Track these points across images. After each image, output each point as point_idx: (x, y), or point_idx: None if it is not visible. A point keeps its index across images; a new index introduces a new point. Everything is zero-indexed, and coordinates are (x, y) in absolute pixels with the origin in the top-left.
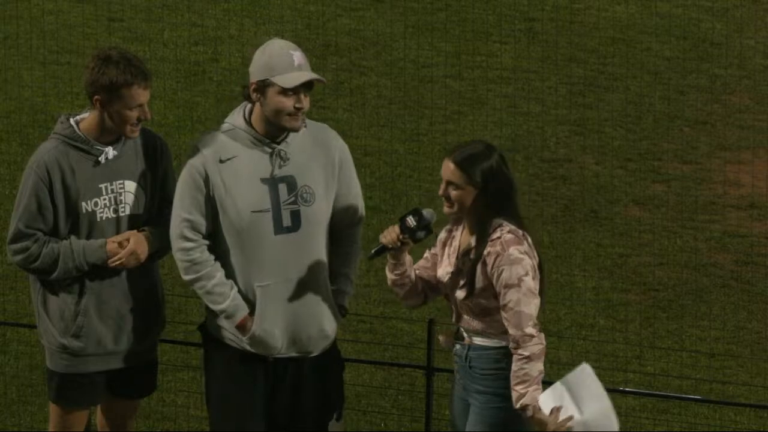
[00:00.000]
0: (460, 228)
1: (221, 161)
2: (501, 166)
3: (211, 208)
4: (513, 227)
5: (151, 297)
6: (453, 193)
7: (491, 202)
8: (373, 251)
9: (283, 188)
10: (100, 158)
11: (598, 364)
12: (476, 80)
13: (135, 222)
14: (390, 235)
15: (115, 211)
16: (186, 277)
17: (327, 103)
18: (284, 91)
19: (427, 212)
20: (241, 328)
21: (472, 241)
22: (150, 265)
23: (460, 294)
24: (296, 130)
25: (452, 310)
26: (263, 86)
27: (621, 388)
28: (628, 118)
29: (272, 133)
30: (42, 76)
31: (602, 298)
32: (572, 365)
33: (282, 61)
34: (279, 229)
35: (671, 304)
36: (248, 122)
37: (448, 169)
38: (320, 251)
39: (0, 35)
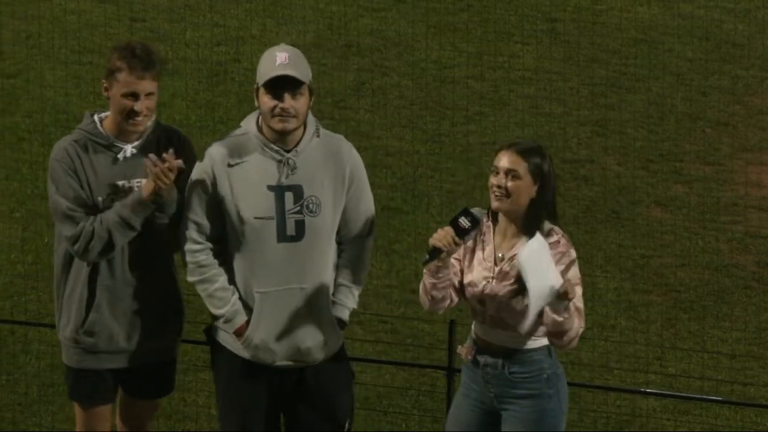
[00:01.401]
0: (489, 233)
1: (230, 165)
2: (553, 170)
3: (219, 211)
4: (561, 231)
5: (168, 297)
6: (511, 183)
7: (544, 203)
8: (427, 257)
9: (289, 197)
10: (119, 155)
11: (619, 365)
12: (498, 81)
13: (155, 221)
14: (445, 238)
15: None
16: (190, 279)
17: (349, 104)
18: (266, 92)
19: (477, 211)
20: (239, 334)
21: (520, 244)
22: (166, 266)
23: (508, 296)
24: (285, 133)
25: (480, 316)
26: (256, 90)
27: (642, 389)
28: (650, 119)
29: (279, 139)
30: (64, 76)
31: (624, 299)
32: (593, 366)
33: (266, 63)
34: (282, 237)
35: (693, 305)
36: (259, 128)
37: (510, 158)
38: (323, 262)
39: (22, 35)
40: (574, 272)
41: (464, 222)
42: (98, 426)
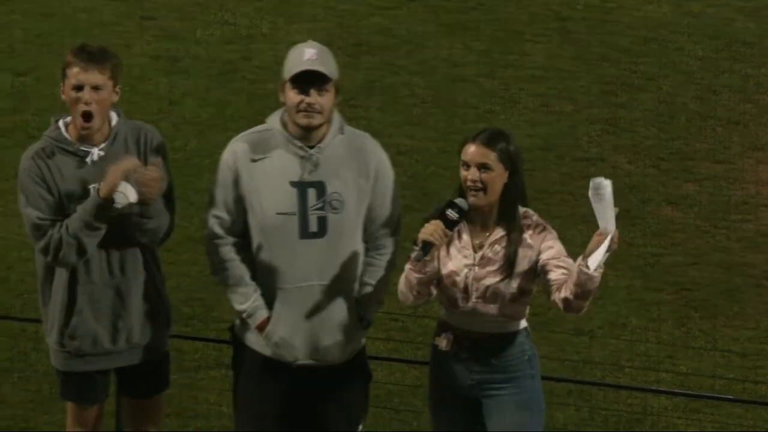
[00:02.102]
0: (461, 224)
1: (253, 160)
2: (519, 152)
3: (242, 206)
4: (534, 212)
5: (150, 294)
6: (485, 176)
7: (517, 187)
8: (420, 252)
9: (311, 193)
10: (86, 159)
11: (630, 363)
12: (508, 79)
13: (128, 219)
14: (436, 231)
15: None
16: (213, 275)
17: (359, 102)
18: (293, 87)
19: (460, 201)
20: (260, 329)
21: (498, 231)
22: (146, 263)
23: (493, 281)
24: (310, 129)
25: (462, 305)
26: (282, 85)
27: (653, 388)
28: (661, 118)
29: (304, 136)
30: None
31: (635, 297)
32: (605, 365)
33: (294, 58)
34: (304, 233)
35: (704, 304)
36: (283, 124)
37: (478, 151)
38: (347, 260)
39: (33, 33)
40: (560, 247)
41: (452, 214)
42: (89, 422)
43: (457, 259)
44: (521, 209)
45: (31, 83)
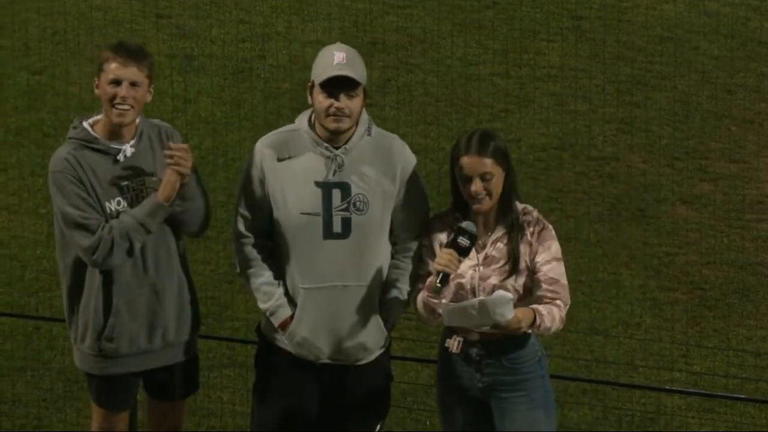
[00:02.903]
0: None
1: (279, 160)
2: (504, 143)
3: (268, 205)
4: (533, 208)
5: (183, 291)
6: (487, 184)
7: (511, 183)
8: (438, 285)
9: (336, 194)
10: (118, 157)
11: (644, 362)
12: (523, 78)
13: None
14: (451, 261)
15: None
16: (238, 272)
17: (374, 101)
18: (322, 90)
19: (467, 225)
20: (283, 328)
21: (499, 229)
22: (176, 262)
23: (499, 279)
24: (339, 133)
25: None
26: (311, 87)
27: (667, 387)
28: (676, 117)
29: (330, 137)
30: (90, 73)
31: (649, 296)
32: (618, 364)
33: (323, 61)
34: (328, 234)
35: (718, 303)
36: (311, 125)
37: (478, 162)
38: (370, 261)
39: (48, 31)
40: (556, 248)
41: (463, 241)
42: (118, 427)
43: (461, 261)
44: (520, 205)
45: (46, 81)
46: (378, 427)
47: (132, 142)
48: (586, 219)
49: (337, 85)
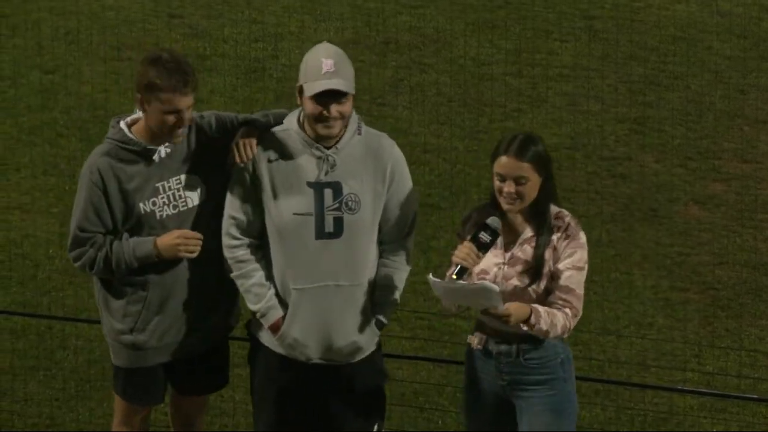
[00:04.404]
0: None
1: (270, 161)
2: (546, 149)
3: (259, 207)
4: (569, 213)
5: (221, 289)
6: (521, 188)
7: (549, 188)
8: (455, 276)
9: (328, 194)
10: (153, 158)
11: (656, 362)
12: (536, 78)
13: (202, 211)
14: (469, 255)
15: (175, 207)
16: (230, 274)
17: (387, 100)
18: (312, 99)
19: (492, 222)
20: (274, 330)
21: (528, 230)
22: (218, 257)
23: (521, 281)
24: (329, 137)
25: None
26: (300, 91)
27: (679, 387)
28: (689, 117)
29: (321, 137)
30: (102, 72)
31: (661, 297)
32: (631, 364)
33: (312, 68)
34: (321, 234)
35: (730, 303)
36: (300, 125)
37: (514, 165)
38: (362, 261)
39: (61, 31)
40: (579, 256)
41: (485, 237)
42: (138, 420)
43: (488, 258)
44: (555, 209)
45: (59, 81)
46: (376, 427)
47: (168, 142)
48: (599, 219)
49: (327, 95)
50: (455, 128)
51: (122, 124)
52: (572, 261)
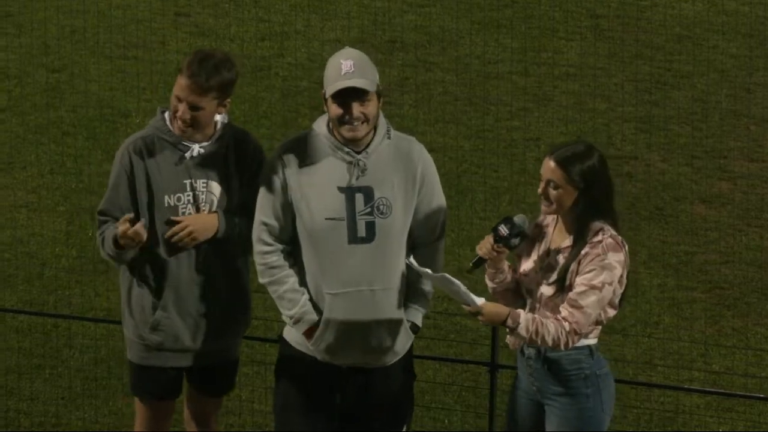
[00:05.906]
0: (553, 224)
1: (300, 166)
2: (602, 168)
3: (290, 212)
4: (614, 233)
5: (235, 296)
6: (552, 192)
7: (591, 203)
8: (471, 264)
9: (359, 198)
10: (186, 154)
11: (662, 361)
12: (542, 77)
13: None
14: (485, 246)
15: (197, 208)
16: (261, 281)
17: (392, 99)
18: (333, 101)
19: (518, 218)
20: (308, 335)
21: (568, 240)
22: (235, 264)
23: (547, 290)
24: (356, 140)
25: (529, 306)
26: (324, 96)
27: (686, 386)
28: (695, 116)
29: (350, 142)
30: (109, 71)
31: (667, 295)
32: (637, 363)
33: (331, 72)
34: (353, 238)
35: (737, 302)
36: (330, 130)
37: (549, 167)
38: (395, 265)
39: (67, 29)
40: (596, 276)
41: (503, 230)
42: (159, 423)
43: (531, 259)
44: (598, 225)
45: (65, 79)
46: (405, 428)
47: (206, 143)
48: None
49: (348, 95)
50: (461, 127)
51: (166, 114)
52: (587, 278)
